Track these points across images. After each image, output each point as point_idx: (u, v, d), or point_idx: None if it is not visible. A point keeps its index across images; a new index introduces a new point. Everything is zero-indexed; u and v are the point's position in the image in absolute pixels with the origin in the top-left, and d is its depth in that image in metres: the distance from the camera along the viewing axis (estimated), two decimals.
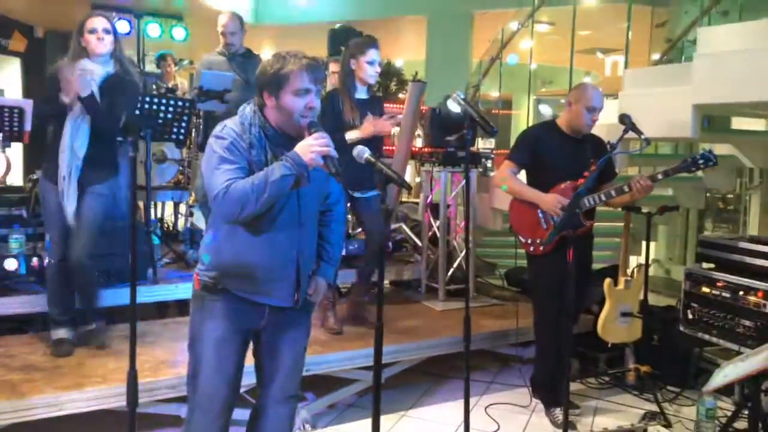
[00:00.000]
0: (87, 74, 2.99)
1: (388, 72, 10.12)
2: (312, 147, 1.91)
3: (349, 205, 3.57)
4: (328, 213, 2.26)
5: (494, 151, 6.74)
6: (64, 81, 2.95)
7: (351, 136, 3.41)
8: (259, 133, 2.00)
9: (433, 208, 4.83)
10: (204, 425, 2.10)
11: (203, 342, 2.07)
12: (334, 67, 5.23)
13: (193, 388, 2.10)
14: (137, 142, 1.54)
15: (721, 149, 4.48)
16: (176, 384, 2.85)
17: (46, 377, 2.84)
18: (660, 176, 3.07)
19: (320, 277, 2.23)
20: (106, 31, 3.06)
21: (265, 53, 12.30)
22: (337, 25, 6.34)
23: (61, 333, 3.20)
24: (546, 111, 13.67)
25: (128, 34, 6.77)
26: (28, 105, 3.64)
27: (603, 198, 3.13)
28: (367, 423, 3.19)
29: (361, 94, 3.60)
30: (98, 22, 3.06)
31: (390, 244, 4.49)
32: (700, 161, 3.02)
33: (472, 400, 2.59)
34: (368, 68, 3.50)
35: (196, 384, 2.09)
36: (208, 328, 2.06)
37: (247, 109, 2.05)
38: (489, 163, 5.40)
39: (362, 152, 2.03)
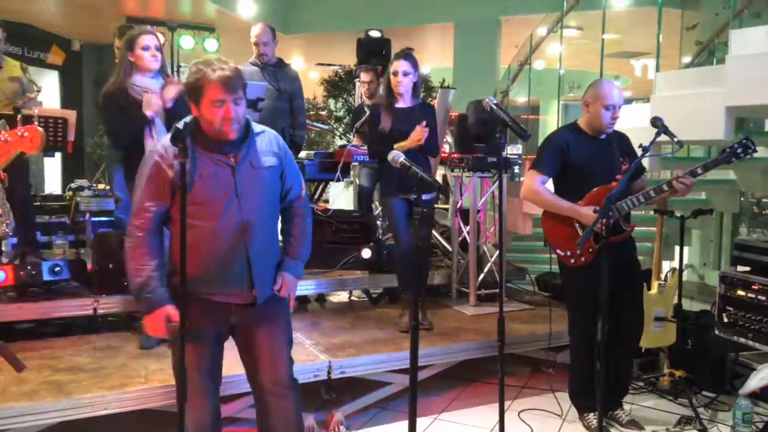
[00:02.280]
0: (151, 91, 3.15)
1: None
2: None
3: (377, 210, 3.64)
4: (289, 209, 2.33)
5: (523, 157, 6.74)
6: (145, 98, 3.10)
7: (396, 148, 3.45)
8: (192, 146, 2.05)
9: (463, 214, 4.86)
10: (196, 410, 2.19)
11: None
12: (365, 76, 5.31)
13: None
14: (186, 149, 1.61)
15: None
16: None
17: (90, 378, 2.94)
18: (700, 170, 2.95)
19: (285, 272, 2.28)
20: (157, 48, 3.22)
21: (295, 62, 12.48)
22: (371, 32, 6.40)
23: None
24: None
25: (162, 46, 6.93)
26: (72, 116, 3.78)
27: (642, 200, 3.02)
28: (400, 426, 3.25)
29: (401, 103, 3.77)
30: (150, 40, 3.20)
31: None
32: (739, 150, 2.89)
33: (505, 405, 2.60)
34: (392, 79, 3.72)
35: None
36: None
37: (185, 120, 2.11)
38: (517, 169, 5.41)
39: (397, 156, 2.08)
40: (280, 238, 2.39)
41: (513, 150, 8.28)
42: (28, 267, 3.51)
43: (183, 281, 1.77)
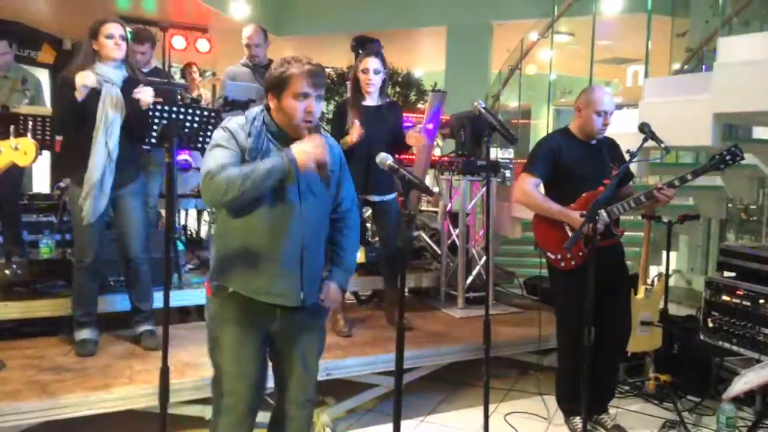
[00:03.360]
0: (111, 82, 3.08)
1: (408, 82, 10.21)
2: (307, 150, 1.97)
3: (368, 212, 3.65)
4: (341, 220, 2.28)
5: (513, 161, 6.77)
6: (81, 74, 2.99)
7: (341, 144, 3.44)
8: (260, 127, 2.06)
9: (452, 217, 4.87)
10: (230, 428, 2.15)
11: (221, 347, 2.12)
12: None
13: (218, 392, 2.15)
14: (173, 149, 1.60)
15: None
16: (200, 386, 2.91)
17: (74, 378, 2.91)
18: (690, 176, 2.99)
19: (332, 282, 2.25)
20: (122, 38, 3.13)
21: None
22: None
23: (85, 334, 3.29)
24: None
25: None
26: None
27: (633, 205, 3.05)
28: (386, 428, 3.24)
29: (369, 101, 3.74)
30: (115, 28, 3.11)
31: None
32: (728, 157, 2.93)
33: (491, 408, 2.61)
34: (362, 77, 3.70)
35: (219, 389, 2.14)
36: (224, 332, 2.11)
37: (255, 109, 2.14)
38: (508, 173, 5.42)
39: (385, 158, 2.08)
40: None
41: (504, 154, 8.32)
42: (14, 266, 3.49)
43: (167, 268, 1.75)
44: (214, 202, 1.99)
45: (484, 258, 4.65)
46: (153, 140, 3.05)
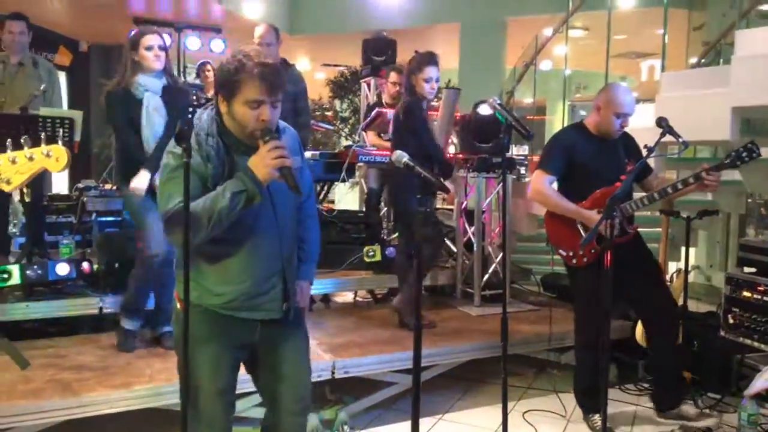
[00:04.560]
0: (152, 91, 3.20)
1: None
2: (265, 160, 1.76)
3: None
4: (300, 210, 2.10)
5: (528, 157, 6.73)
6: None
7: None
8: (216, 144, 1.84)
9: (468, 214, 4.85)
10: None
11: (197, 366, 1.91)
12: (395, 77, 5.21)
13: (195, 411, 1.93)
14: (190, 149, 1.62)
15: (762, 152, 4.40)
16: None
17: (96, 377, 2.95)
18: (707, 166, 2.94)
19: (302, 280, 2.12)
20: (161, 48, 3.21)
21: (301, 63, 12.47)
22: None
23: (132, 324, 3.35)
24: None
25: (169, 47, 6.96)
26: (78, 116, 3.80)
27: (646, 202, 3.02)
28: (404, 426, 3.25)
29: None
30: (154, 39, 3.20)
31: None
32: (744, 154, 2.89)
33: (509, 405, 2.60)
34: (425, 85, 3.70)
35: (197, 407, 1.94)
36: (199, 351, 1.91)
37: (204, 116, 1.88)
38: (523, 170, 5.40)
39: (401, 156, 2.03)
40: None
41: (519, 151, 8.28)
42: (35, 266, 3.54)
43: (186, 293, 1.74)
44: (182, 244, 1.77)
45: (500, 255, 4.64)
46: None
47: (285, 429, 2.09)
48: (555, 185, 3.20)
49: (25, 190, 3.77)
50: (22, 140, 1.63)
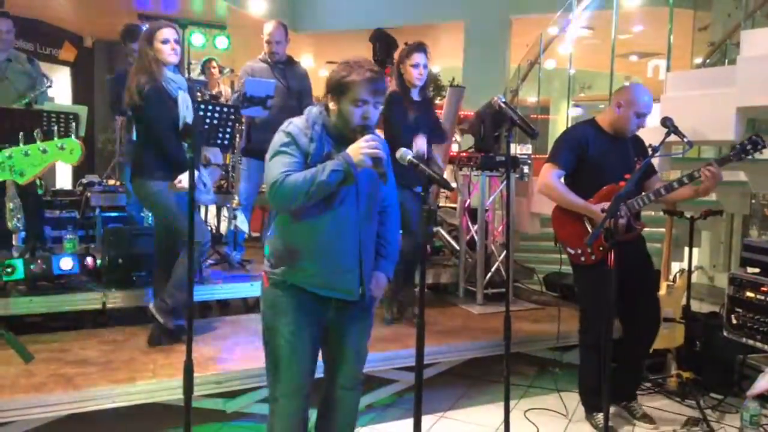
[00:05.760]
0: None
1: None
2: (362, 149, 2.05)
3: None
4: (384, 213, 2.37)
5: (532, 156, 6.72)
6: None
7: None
8: (321, 130, 2.14)
9: (471, 213, 4.85)
10: (290, 412, 2.24)
11: (279, 337, 2.19)
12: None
13: (275, 379, 2.23)
14: (195, 145, 1.62)
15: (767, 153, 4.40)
16: (222, 380, 2.95)
17: (99, 371, 2.96)
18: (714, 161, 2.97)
19: (380, 273, 2.34)
20: (177, 42, 3.16)
21: (305, 61, 12.45)
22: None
23: (176, 326, 3.28)
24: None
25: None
26: (83, 111, 3.81)
27: (652, 198, 3.04)
28: (405, 423, 3.25)
29: (414, 96, 3.80)
30: (170, 33, 3.13)
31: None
32: (749, 146, 2.91)
33: (510, 404, 2.60)
34: (413, 71, 3.72)
35: (277, 375, 2.22)
36: (282, 323, 2.19)
37: (314, 110, 2.21)
38: (526, 169, 5.39)
39: (405, 154, 2.09)
40: None
41: (522, 149, 8.27)
42: (38, 261, 3.55)
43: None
44: (283, 208, 2.14)
45: (503, 254, 4.64)
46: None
47: (340, 401, 2.38)
48: (563, 180, 3.21)
49: (38, 182, 3.80)
50: (34, 134, 1.65)
